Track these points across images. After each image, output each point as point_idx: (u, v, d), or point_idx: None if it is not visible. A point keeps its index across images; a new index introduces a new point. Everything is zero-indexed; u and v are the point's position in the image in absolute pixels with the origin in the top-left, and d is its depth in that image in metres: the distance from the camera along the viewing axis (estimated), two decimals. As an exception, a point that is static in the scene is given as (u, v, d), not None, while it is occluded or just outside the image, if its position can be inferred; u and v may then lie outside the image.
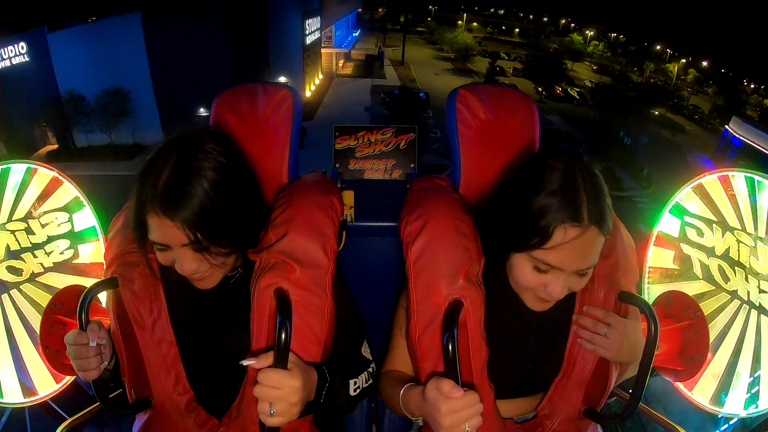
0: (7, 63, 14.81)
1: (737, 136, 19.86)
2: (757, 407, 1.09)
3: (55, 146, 17.02)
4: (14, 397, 1.13)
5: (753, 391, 1.09)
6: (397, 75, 32.36)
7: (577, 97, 31.47)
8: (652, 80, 37.72)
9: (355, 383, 0.88)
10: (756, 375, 1.09)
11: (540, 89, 31.08)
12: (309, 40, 24.66)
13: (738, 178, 1.11)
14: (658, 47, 47.02)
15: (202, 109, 16.49)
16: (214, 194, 0.74)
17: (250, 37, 18.54)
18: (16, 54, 15.09)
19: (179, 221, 0.72)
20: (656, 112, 29.25)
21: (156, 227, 0.74)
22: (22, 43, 15.13)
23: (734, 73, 39.36)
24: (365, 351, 0.96)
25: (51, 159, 15.40)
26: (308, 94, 25.03)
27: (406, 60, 36.93)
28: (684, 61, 43.44)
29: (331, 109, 23.45)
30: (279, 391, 0.70)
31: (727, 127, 21.12)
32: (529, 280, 0.79)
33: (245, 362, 0.71)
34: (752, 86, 38.41)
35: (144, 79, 16.94)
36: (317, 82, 27.78)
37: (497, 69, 33.02)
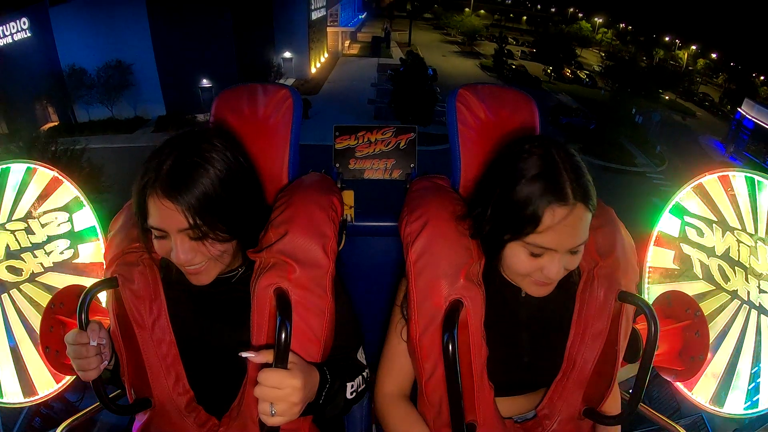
0: (9, 39, 14.24)
1: (750, 117, 19.81)
2: (756, 407, 1.09)
3: (56, 123, 16.38)
4: (14, 397, 1.13)
5: (753, 391, 1.09)
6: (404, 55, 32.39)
7: (587, 79, 31.49)
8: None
9: (352, 386, 0.88)
10: (756, 375, 1.09)
11: (549, 71, 31.21)
12: (315, 15, 24.31)
13: (738, 178, 1.11)
14: (667, 39, 46.33)
15: (204, 81, 16.23)
16: (219, 185, 0.75)
17: (254, 9, 18.17)
18: (18, 30, 14.56)
19: (180, 204, 0.72)
20: (666, 97, 29.10)
21: (155, 209, 0.74)
22: (24, 19, 14.68)
23: (743, 67, 38.62)
24: (360, 356, 0.96)
25: (52, 135, 14.76)
26: (313, 70, 24.89)
27: (413, 43, 36.92)
28: (694, 48, 42.58)
29: (337, 84, 23.25)
30: (280, 391, 0.70)
31: (739, 109, 21.10)
32: (525, 267, 0.80)
33: (244, 354, 0.72)
34: (761, 78, 37.39)
35: (146, 52, 16.67)
36: (322, 60, 27.57)
37: (506, 51, 32.76)
